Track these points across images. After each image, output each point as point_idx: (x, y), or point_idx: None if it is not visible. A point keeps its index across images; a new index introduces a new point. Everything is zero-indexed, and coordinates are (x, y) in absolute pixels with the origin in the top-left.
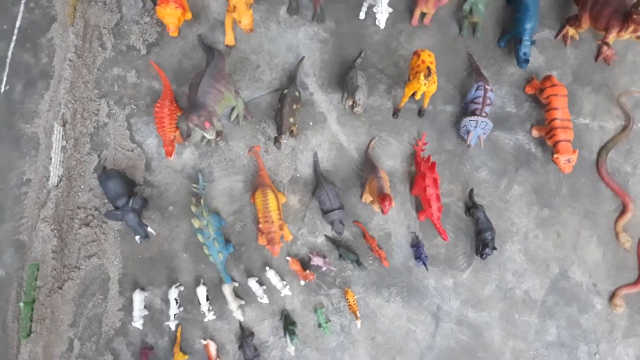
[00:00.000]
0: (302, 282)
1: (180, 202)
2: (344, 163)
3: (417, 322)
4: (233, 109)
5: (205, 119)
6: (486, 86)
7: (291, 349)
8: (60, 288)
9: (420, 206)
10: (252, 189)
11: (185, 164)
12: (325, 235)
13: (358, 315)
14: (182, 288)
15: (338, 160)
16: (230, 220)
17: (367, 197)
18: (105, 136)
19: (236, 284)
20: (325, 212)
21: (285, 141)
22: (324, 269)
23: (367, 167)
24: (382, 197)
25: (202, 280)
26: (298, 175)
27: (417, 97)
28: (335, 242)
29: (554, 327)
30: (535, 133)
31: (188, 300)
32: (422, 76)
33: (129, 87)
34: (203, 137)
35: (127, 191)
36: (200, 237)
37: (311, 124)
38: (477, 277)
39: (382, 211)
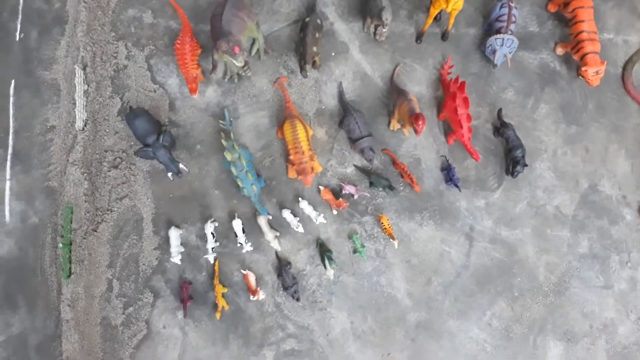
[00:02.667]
0: (335, 212)
1: (207, 140)
2: (369, 92)
3: (451, 243)
4: (253, 43)
5: (234, 44)
6: (510, 3)
7: (330, 273)
8: (95, 230)
9: (449, 130)
10: (279, 123)
11: (209, 102)
12: (355, 165)
13: (394, 236)
14: (217, 224)
15: (363, 89)
16: (259, 156)
17: (395, 125)
18: (126, 78)
19: (270, 217)
20: (354, 141)
21: (309, 73)
22: (356, 196)
23: (394, 93)
24: (415, 117)
25: (236, 214)
26: (323, 107)
27: (448, 9)
28: (365, 171)
29: (585, 240)
30: (560, 50)
31: (223, 236)
32: None
33: (146, 28)
34: (226, 73)
35: (155, 128)
36: (233, 170)
37: (333, 54)
38: (508, 196)
39: (416, 131)
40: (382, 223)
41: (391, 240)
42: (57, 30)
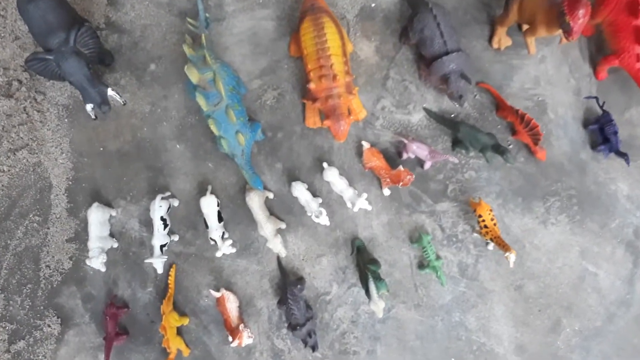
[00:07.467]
0: (388, 191)
1: (169, 56)
2: None
3: (599, 259)
4: None
5: None
6: None
7: (378, 306)
8: None
9: (600, 53)
10: (294, 29)
11: None
12: (426, 109)
13: (506, 243)
14: (176, 202)
15: None
16: (256, 87)
17: (503, 38)
18: None
19: (270, 195)
20: (433, 59)
21: None
22: (427, 165)
23: None
24: (569, 3)
25: (209, 188)
26: (373, 4)
27: None
28: (446, 120)
29: None
30: None
31: (188, 224)
32: None
33: None
34: None
35: (66, 22)
36: (201, 102)
37: None
38: None
39: (569, 31)
40: (480, 217)
41: (499, 249)
42: None
